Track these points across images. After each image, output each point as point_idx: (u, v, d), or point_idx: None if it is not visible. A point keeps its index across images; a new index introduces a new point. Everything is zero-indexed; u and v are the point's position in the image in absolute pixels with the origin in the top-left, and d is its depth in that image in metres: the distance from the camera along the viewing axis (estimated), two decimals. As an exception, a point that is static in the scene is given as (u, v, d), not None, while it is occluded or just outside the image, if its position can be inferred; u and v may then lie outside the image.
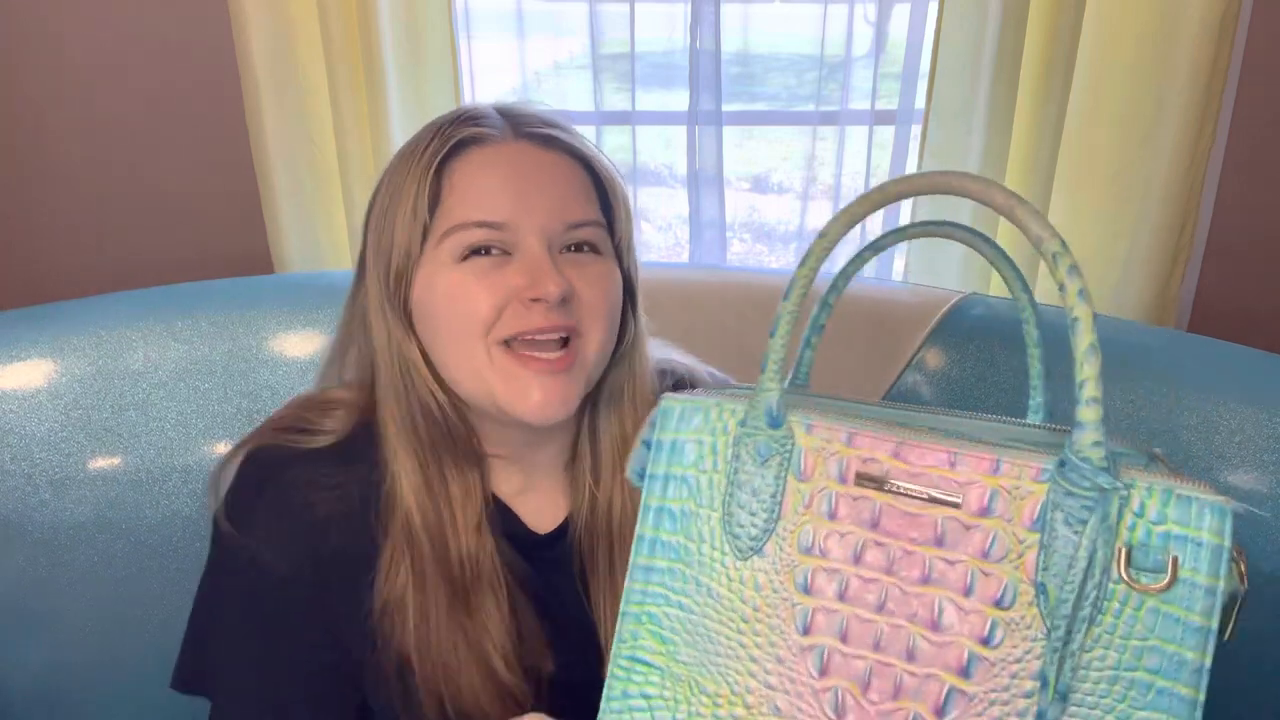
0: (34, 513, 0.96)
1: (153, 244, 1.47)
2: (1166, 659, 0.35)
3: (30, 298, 1.13)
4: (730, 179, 1.42)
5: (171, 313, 1.04)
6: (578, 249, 0.66)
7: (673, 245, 1.55)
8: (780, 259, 1.49)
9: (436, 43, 1.28)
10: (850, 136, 1.39)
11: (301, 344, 1.06)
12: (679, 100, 1.37)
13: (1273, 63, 1.27)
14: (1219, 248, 1.35)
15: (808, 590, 0.41)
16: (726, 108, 1.35)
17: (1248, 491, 0.86)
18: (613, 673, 0.44)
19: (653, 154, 1.51)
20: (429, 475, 0.67)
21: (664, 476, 0.45)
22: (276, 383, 1.04)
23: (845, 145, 1.40)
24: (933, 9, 1.24)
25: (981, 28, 1.20)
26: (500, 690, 0.66)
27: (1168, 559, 0.35)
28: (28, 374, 0.98)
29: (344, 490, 0.67)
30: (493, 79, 1.42)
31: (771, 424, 0.42)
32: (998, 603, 0.38)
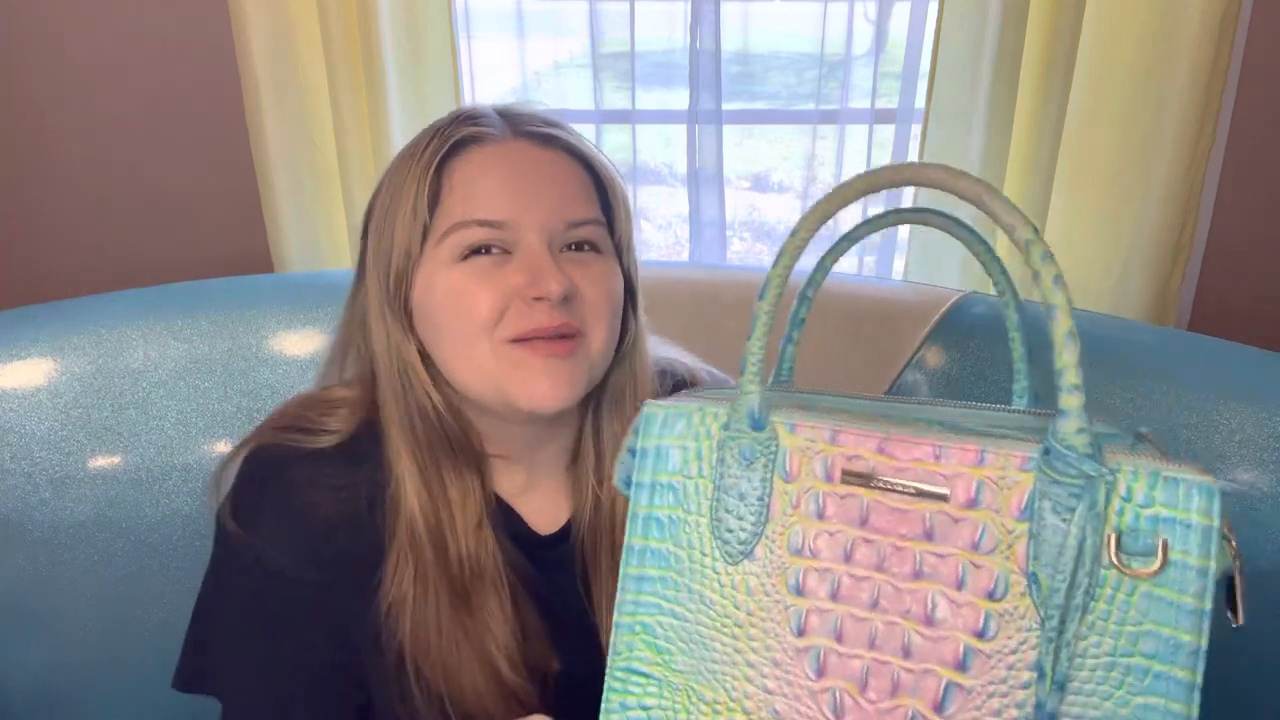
0: (34, 512, 0.96)
1: (153, 244, 1.47)
2: (1162, 643, 0.35)
3: (30, 298, 1.13)
4: (730, 178, 1.42)
5: (171, 312, 1.04)
6: (578, 248, 0.66)
7: (673, 244, 1.55)
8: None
9: (436, 43, 1.28)
10: (850, 136, 1.39)
11: (301, 344, 1.06)
12: (679, 99, 1.37)
13: (1273, 63, 1.27)
14: (1219, 248, 1.35)
15: (800, 591, 0.41)
16: (726, 106, 1.35)
17: (1248, 490, 0.86)
18: (610, 685, 0.44)
19: (653, 153, 1.50)
20: (428, 477, 0.67)
21: (650, 484, 0.44)
22: (276, 382, 1.04)
23: (845, 144, 1.39)
24: (933, 8, 1.24)
25: (981, 28, 1.20)
26: (504, 691, 0.66)
27: (1157, 542, 0.35)
28: (28, 373, 0.98)
29: (350, 492, 0.67)
30: (493, 79, 1.42)
31: (754, 426, 0.42)
32: (990, 595, 0.38)
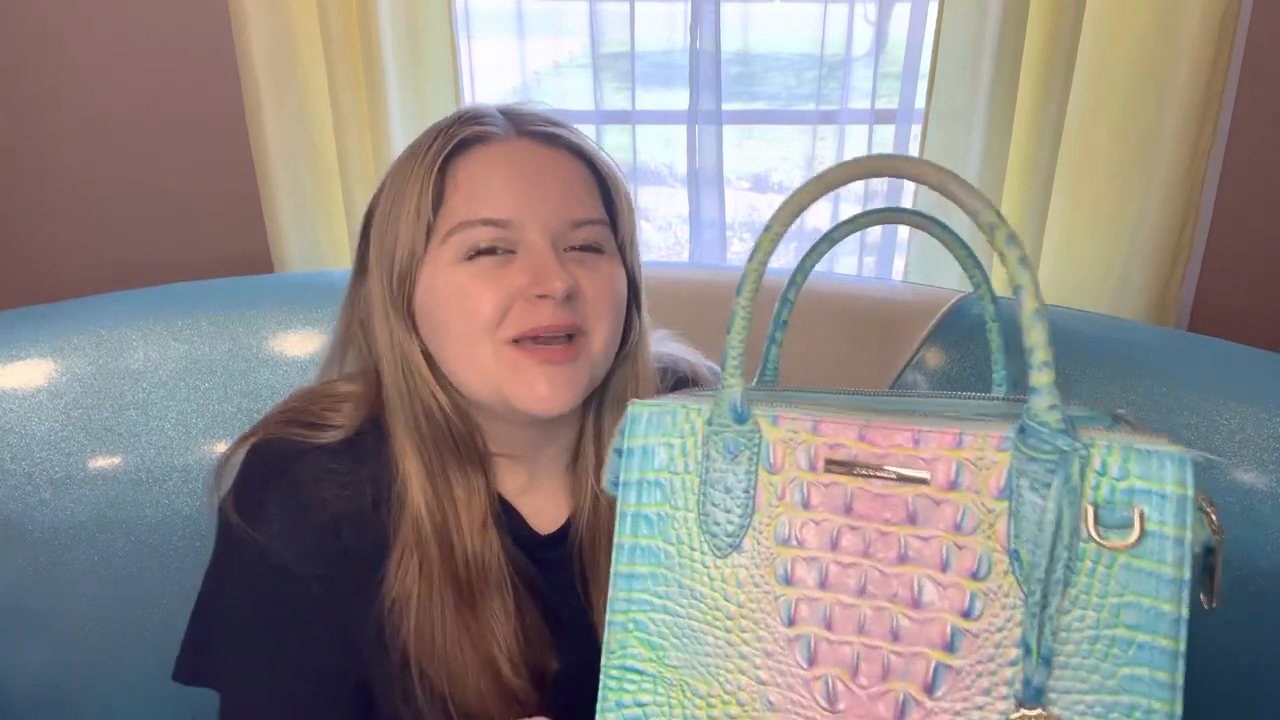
0: (34, 512, 0.96)
1: (153, 244, 1.47)
2: (1144, 613, 0.36)
3: (30, 298, 1.13)
4: (730, 178, 1.42)
5: (171, 313, 1.04)
6: (581, 250, 0.66)
7: (673, 245, 1.55)
8: (780, 258, 1.49)
9: (436, 43, 1.28)
10: (850, 136, 1.39)
11: (301, 344, 1.06)
12: (679, 100, 1.37)
13: (1273, 63, 1.27)
14: (1219, 248, 1.35)
15: (789, 581, 0.41)
16: (726, 107, 1.35)
17: (1247, 491, 0.86)
18: (605, 684, 0.44)
19: (653, 153, 1.51)
20: (434, 476, 0.67)
21: (637, 482, 0.45)
22: (276, 382, 1.04)
23: (845, 145, 1.40)
24: (933, 9, 1.24)
25: (981, 28, 1.20)
26: (504, 692, 0.66)
27: (1134, 514, 0.36)
28: (28, 374, 0.98)
29: (356, 489, 0.67)
30: (493, 79, 1.42)
31: (737, 419, 0.42)
32: (974, 574, 0.38)
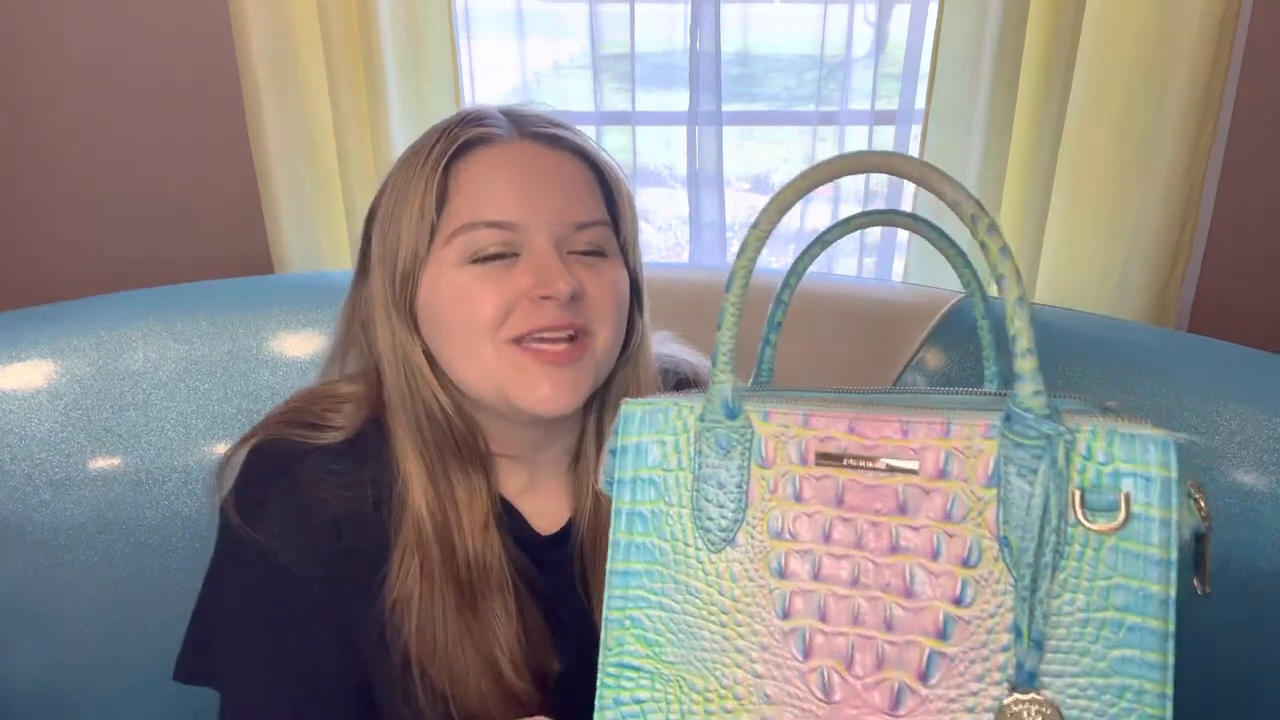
0: (34, 513, 0.96)
1: (153, 244, 1.47)
2: (1132, 595, 0.37)
3: (30, 298, 1.13)
4: (730, 179, 1.42)
5: (171, 313, 1.04)
6: (585, 254, 0.66)
7: (673, 246, 1.55)
8: (780, 259, 1.49)
9: (436, 43, 1.28)
10: (850, 137, 1.39)
11: (301, 344, 1.06)
12: (679, 100, 1.37)
13: (1273, 63, 1.27)
14: (1219, 248, 1.35)
15: (782, 574, 0.42)
16: (726, 108, 1.35)
17: (1248, 491, 0.86)
18: (602, 681, 0.44)
19: (653, 154, 1.51)
20: (435, 477, 0.67)
21: (631, 480, 0.45)
22: (276, 383, 1.04)
23: (845, 145, 1.40)
24: (933, 9, 1.24)
25: (981, 28, 1.20)
26: (506, 693, 0.66)
27: (1120, 497, 0.37)
28: (28, 374, 0.98)
29: (357, 489, 0.67)
30: (493, 79, 1.42)
31: (729, 415, 0.43)
32: (965, 562, 0.39)
